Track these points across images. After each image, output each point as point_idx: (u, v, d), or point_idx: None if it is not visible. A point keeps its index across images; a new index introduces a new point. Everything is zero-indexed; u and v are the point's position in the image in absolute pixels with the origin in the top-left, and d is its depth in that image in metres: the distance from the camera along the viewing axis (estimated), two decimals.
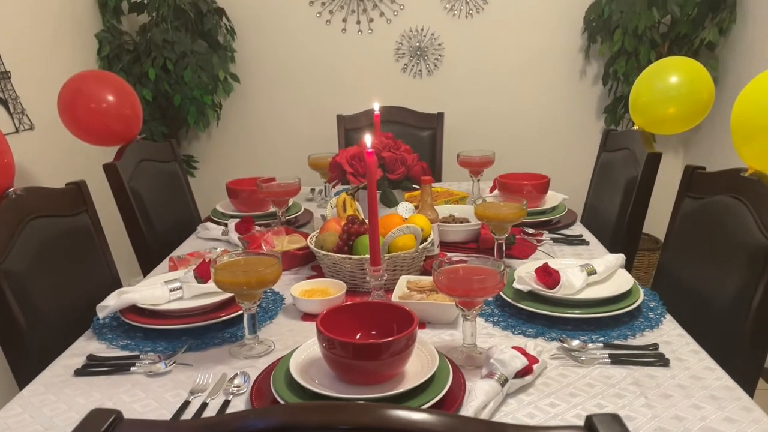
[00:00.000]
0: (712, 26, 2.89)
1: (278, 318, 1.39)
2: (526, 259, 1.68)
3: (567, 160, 3.46)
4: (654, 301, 1.41)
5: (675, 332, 1.27)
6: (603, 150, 2.34)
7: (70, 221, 1.56)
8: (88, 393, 1.10)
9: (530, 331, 1.28)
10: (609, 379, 1.10)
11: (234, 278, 1.17)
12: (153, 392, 1.10)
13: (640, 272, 3.16)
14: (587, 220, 2.28)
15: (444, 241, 1.78)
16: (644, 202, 1.96)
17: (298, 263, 1.67)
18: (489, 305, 1.41)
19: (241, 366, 1.18)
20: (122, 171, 1.92)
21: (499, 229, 1.56)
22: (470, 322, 1.17)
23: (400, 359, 1.01)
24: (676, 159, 3.47)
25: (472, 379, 1.09)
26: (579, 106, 3.44)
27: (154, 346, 1.26)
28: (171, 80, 3.04)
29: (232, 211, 2.11)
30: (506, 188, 2.03)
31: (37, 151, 2.49)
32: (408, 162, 1.81)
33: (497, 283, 1.12)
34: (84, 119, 1.98)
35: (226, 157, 3.59)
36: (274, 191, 1.86)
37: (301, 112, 3.51)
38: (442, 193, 2.22)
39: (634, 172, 2.00)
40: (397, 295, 1.37)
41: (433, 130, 2.98)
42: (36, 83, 2.51)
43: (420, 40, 3.37)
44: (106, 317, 1.34)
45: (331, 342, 0.99)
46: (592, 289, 1.38)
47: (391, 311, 1.10)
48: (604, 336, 1.25)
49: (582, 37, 3.32)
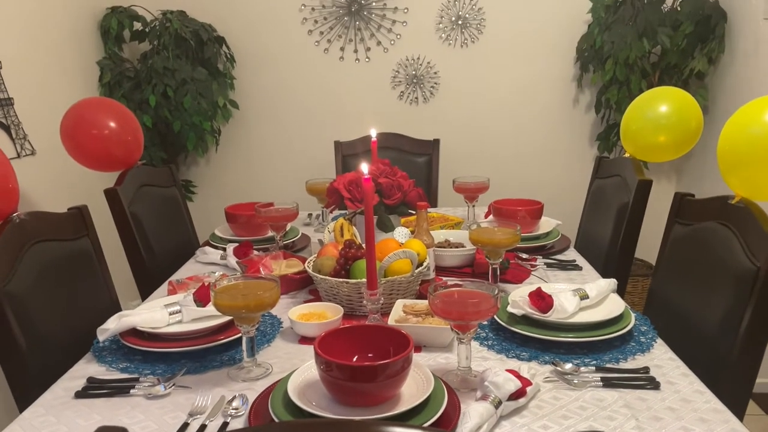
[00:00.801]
0: (701, 56, 2.96)
1: (276, 341, 1.41)
2: (520, 284, 1.71)
3: (560, 187, 3.51)
4: (645, 325, 1.43)
5: (666, 356, 1.30)
6: (595, 177, 2.38)
7: (71, 245, 1.59)
8: (89, 415, 1.12)
9: (524, 354, 1.30)
10: (601, 401, 1.13)
11: (233, 301, 1.20)
12: (153, 414, 1.11)
13: (634, 297, 3.19)
14: (580, 245, 2.32)
15: (439, 266, 1.81)
16: (636, 228, 1.99)
17: (296, 287, 1.70)
18: (483, 329, 1.43)
19: (240, 389, 1.20)
20: (123, 196, 1.95)
21: (493, 254, 1.59)
22: (465, 345, 1.19)
23: (396, 381, 1.03)
24: (669, 185, 3.52)
25: (466, 401, 1.11)
26: (572, 133, 3.49)
27: (154, 368, 1.28)
28: (171, 107, 3.09)
29: (230, 235, 2.13)
30: (501, 214, 2.07)
31: (38, 176, 2.53)
32: (404, 188, 1.85)
33: (491, 306, 1.15)
34: (86, 145, 2.01)
35: (224, 182, 3.63)
36: (272, 216, 1.89)
37: (299, 138, 3.56)
38: (437, 218, 2.26)
39: (625, 198, 2.04)
40: (394, 319, 1.39)
41: (429, 156, 3.02)
42: (38, 109, 2.56)
43: (416, 69, 3.44)
44: (106, 340, 1.35)
45: (329, 364, 1.02)
46: (584, 313, 1.41)
47: (388, 334, 1.13)
48: (596, 359, 1.28)
49: (575, 67, 3.39)
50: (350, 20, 3.39)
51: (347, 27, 3.40)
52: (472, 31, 3.38)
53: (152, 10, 3.27)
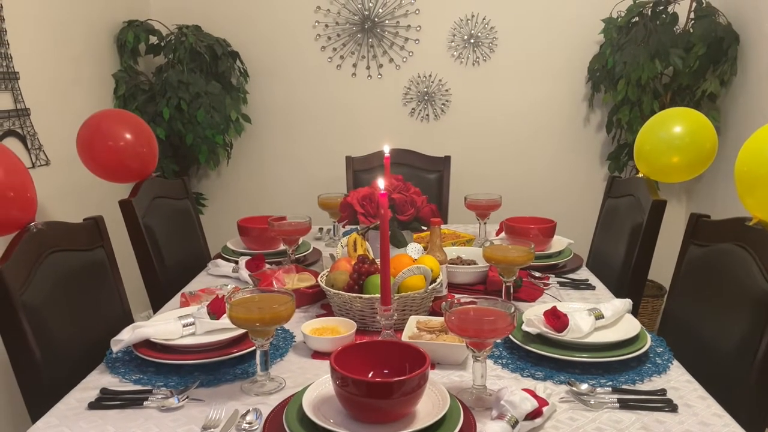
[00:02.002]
0: (713, 78, 2.97)
1: (288, 355, 1.41)
2: (534, 302, 1.70)
3: (572, 205, 3.51)
4: (661, 346, 1.42)
5: (683, 378, 1.28)
6: (608, 196, 2.38)
7: (86, 255, 1.59)
8: (102, 426, 1.11)
9: (539, 373, 1.29)
10: (618, 423, 1.11)
11: (248, 314, 1.19)
12: (166, 427, 1.11)
13: (644, 318, 3.17)
14: (593, 265, 2.31)
15: (452, 283, 1.80)
16: (649, 248, 1.98)
17: (308, 301, 1.69)
18: (498, 347, 1.42)
19: (253, 402, 1.19)
20: (137, 207, 1.96)
21: (507, 271, 1.58)
22: (480, 363, 1.18)
23: (412, 398, 1.03)
24: (680, 207, 3.51)
25: (482, 420, 1.10)
26: (583, 152, 3.50)
27: (167, 380, 1.27)
28: (184, 120, 3.11)
29: (242, 248, 2.13)
30: (513, 231, 2.06)
31: (53, 186, 2.54)
32: (417, 204, 1.85)
33: (508, 324, 1.14)
34: (101, 156, 2.03)
35: (234, 195, 3.64)
36: (285, 230, 1.89)
37: (311, 152, 3.57)
38: (449, 235, 2.25)
39: (639, 218, 2.03)
40: (407, 335, 1.39)
41: (440, 173, 3.03)
42: (54, 120, 2.58)
43: (428, 86, 3.46)
44: (119, 351, 1.35)
45: (345, 379, 1.01)
46: (599, 333, 1.40)
47: (404, 350, 1.12)
48: (612, 380, 1.26)
49: (586, 86, 3.40)
50: (363, 37, 3.41)
51: (360, 44, 3.42)
52: (484, 49, 3.40)
53: (168, 25, 3.31)
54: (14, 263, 1.31)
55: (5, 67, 2.30)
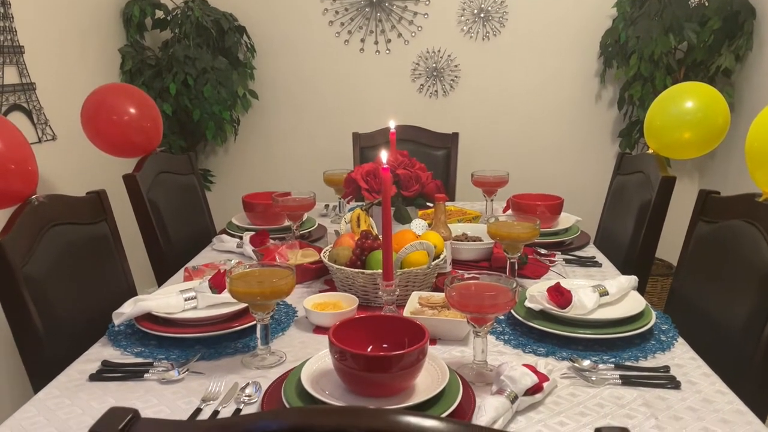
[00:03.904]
0: (728, 53, 2.90)
1: (290, 330, 1.41)
2: (538, 279, 1.69)
3: (581, 182, 3.47)
4: (666, 323, 1.40)
5: (687, 355, 1.27)
6: (617, 173, 2.35)
7: (89, 229, 1.59)
8: (102, 398, 1.12)
9: (541, 350, 1.28)
10: (619, 399, 1.10)
11: (248, 288, 1.19)
12: (166, 399, 1.11)
13: (653, 297, 3.14)
14: (600, 242, 2.29)
15: (456, 259, 1.79)
16: (658, 225, 1.96)
17: (311, 277, 1.69)
18: (500, 323, 1.41)
19: (253, 376, 1.19)
20: (141, 182, 1.95)
21: (511, 248, 1.57)
22: (481, 338, 1.17)
23: (410, 372, 1.02)
24: (691, 184, 3.46)
25: (482, 395, 1.10)
26: (593, 129, 3.45)
27: (168, 353, 1.28)
28: (191, 95, 3.09)
29: (247, 224, 2.13)
30: (520, 208, 2.04)
31: (59, 161, 2.55)
32: (422, 180, 1.83)
33: (509, 300, 1.13)
34: (105, 131, 2.02)
35: (242, 171, 3.64)
36: (289, 205, 1.88)
37: (318, 129, 3.55)
38: (455, 211, 2.23)
39: (648, 195, 2.00)
40: (409, 311, 1.38)
41: (448, 150, 3.00)
42: (60, 95, 2.57)
43: (437, 62, 3.41)
44: (121, 324, 1.35)
45: (343, 353, 1.00)
46: (603, 310, 1.38)
47: (403, 325, 1.11)
48: (615, 357, 1.25)
49: (598, 62, 3.34)
50: (371, 12, 3.37)
51: (368, 18, 3.38)
52: (494, 24, 3.35)
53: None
54: (15, 236, 1.31)
55: (10, 40, 2.29)
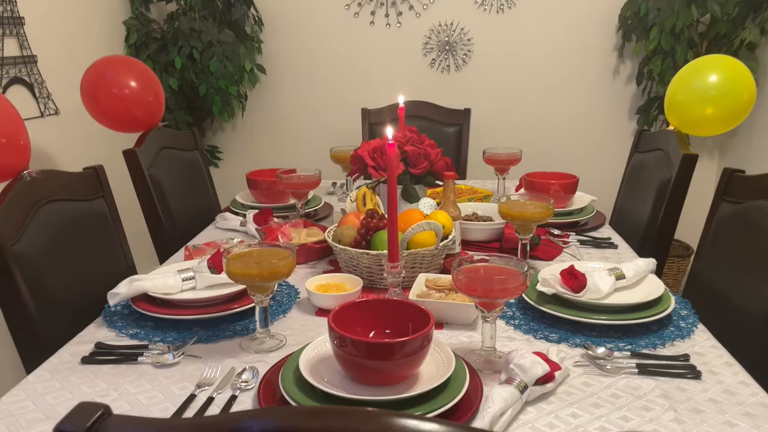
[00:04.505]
0: (753, 26, 2.78)
1: (292, 312, 1.35)
2: (551, 261, 1.62)
3: (597, 161, 3.37)
4: (686, 309, 1.34)
5: (708, 343, 1.20)
6: (635, 151, 2.26)
7: (86, 206, 1.54)
8: (94, 382, 1.07)
9: (553, 336, 1.22)
10: (636, 390, 1.04)
11: (246, 269, 1.14)
12: (159, 384, 1.07)
13: (669, 279, 3.07)
14: (616, 223, 2.21)
15: (466, 240, 1.73)
16: (677, 205, 1.87)
17: (315, 257, 1.63)
18: (510, 307, 1.35)
19: (251, 360, 1.14)
20: (142, 158, 1.90)
21: (523, 228, 1.50)
22: (490, 324, 1.11)
23: (414, 360, 0.97)
24: (711, 163, 3.36)
25: (489, 384, 1.04)
26: (611, 105, 3.34)
27: (164, 335, 1.23)
28: (197, 69, 3.03)
29: (251, 201, 2.07)
30: (533, 187, 1.97)
31: (62, 136, 2.50)
32: (431, 157, 1.76)
33: (520, 284, 1.07)
34: (106, 104, 1.97)
35: (250, 148, 3.58)
36: (293, 183, 1.82)
37: (327, 104, 3.47)
38: (465, 190, 2.17)
39: (667, 174, 1.92)
40: (415, 293, 1.32)
41: (459, 127, 2.91)
42: (62, 68, 2.52)
43: (449, 35, 3.31)
44: (117, 305, 1.31)
45: (343, 339, 0.95)
46: (620, 294, 1.32)
47: (407, 310, 1.05)
48: (631, 344, 1.19)
49: (616, 35, 3.22)
50: None
51: None
52: None
53: None
54: (5, 212, 1.26)
55: (9, 11, 2.23)
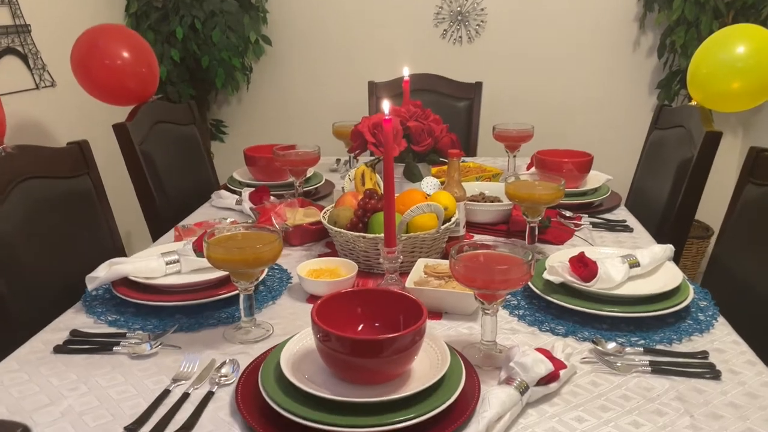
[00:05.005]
0: None
1: (282, 298, 1.28)
2: (562, 245, 1.53)
3: (614, 138, 3.24)
4: (705, 300, 1.24)
5: (728, 338, 1.11)
6: (654, 127, 2.14)
7: (68, 183, 1.46)
8: (64, 374, 1.00)
9: (560, 328, 1.13)
10: (648, 391, 0.95)
11: (228, 255, 1.05)
12: (133, 377, 1.00)
13: (687, 261, 2.95)
14: (632, 204, 2.10)
15: (471, 221, 1.63)
16: (699, 186, 1.76)
17: (311, 238, 1.55)
18: (515, 296, 1.26)
19: (234, 352, 1.07)
20: (133, 132, 1.82)
21: (531, 210, 1.40)
22: (490, 317, 1.02)
23: (404, 358, 0.88)
24: (735, 141, 3.21)
25: (488, 382, 0.96)
26: (630, 79, 3.20)
27: (145, 323, 1.16)
28: (199, 41, 2.93)
29: (248, 179, 1.99)
30: (544, 165, 1.86)
31: (58, 109, 2.42)
32: (435, 133, 1.66)
33: (523, 274, 0.97)
34: (97, 75, 1.88)
35: (256, 122, 3.49)
36: (290, 160, 1.73)
37: (335, 77, 3.36)
38: (474, 168, 2.07)
39: (688, 152, 1.80)
40: (413, 280, 1.24)
41: (470, 101, 2.79)
42: (58, 38, 2.43)
43: (461, 5, 3.17)
44: (97, 289, 1.24)
45: (327, 335, 0.87)
46: (633, 283, 1.22)
47: (399, 301, 0.97)
48: (644, 339, 1.10)
49: (637, 5, 3.07)
50: None
51: None
52: None
53: None
54: None
55: None
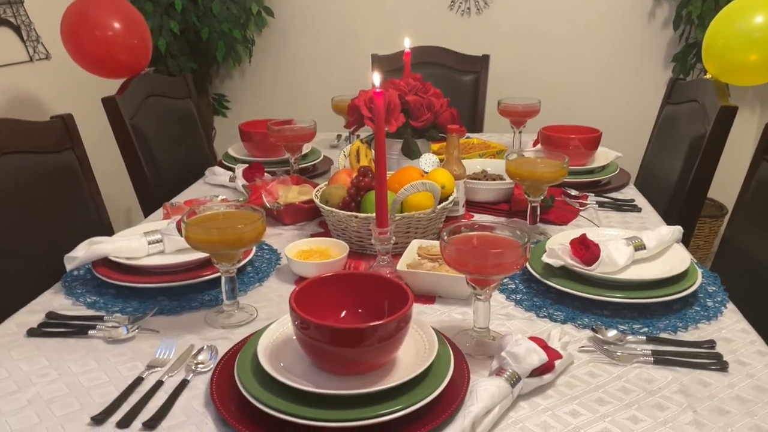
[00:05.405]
0: None
1: (270, 280, 1.22)
2: (565, 226, 1.46)
3: (624, 114, 3.14)
4: (714, 285, 1.17)
5: (737, 326, 1.04)
6: (667, 102, 2.05)
7: (51, 159, 1.41)
8: (35, 359, 0.96)
9: (558, 314, 1.07)
10: (650, 383, 0.89)
11: (207, 236, 1.00)
12: (106, 363, 0.95)
13: (698, 241, 2.87)
14: (642, 182, 2.02)
15: (472, 200, 1.57)
16: (711, 163, 1.68)
17: (303, 217, 1.50)
18: (513, 279, 1.20)
19: (214, 337, 1.02)
20: (123, 106, 1.76)
21: (533, 189, 1.34)
22: (483, 302, 0.97)
23: (387, 347, 0.83)
24: (752, 116, 3.10)
25: (479, 372, 0.91)
26: (644, 52, 3.08)
27: (125, 306, 1.11)
28: (199, 12, 2.85)
29: (244, 155, 1.93)
30: (550, 142, 1.79)
31: (54, 82, 2.37)
32: (435, 107, 1.59)
33: (518, 258, 0.91)
34: (88, 46, 1.82)
35: (260, 97, 3.42)
36: (285, 135, 1.67)
37: (339, 50, 3.28)
38: (477, 144, 1.99)
39: (702, 128, 1.72)
40: (405, 263, 1.18)
41: (477, 75, 2.70)
42: (52, 10, 2.35)
43: None
44: (75, 270, 1.19)
45: (305, 322, 0.81)
46: (638, 267, 1.16)
47: (384, 285, 0.91)
48: (648, 326, 1.03)
49: None
50: None
51: None
52: None
53: None
54: None
55: None
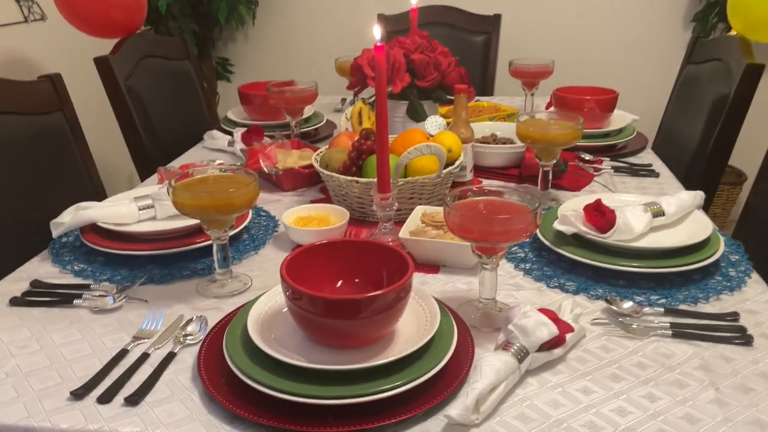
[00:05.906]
0: None
1: (266, 248, 1.17)
2: (579, 192, 1.39)
3: (643, 74, 3.02)
4: (737, 253, 1.10)
5: (762, 297, 0.98)
6: (688, 62, 1.94)
7: (39, 120, 1.35)
8: (17, 329, 0.92)
9: (570, 285, 1.01)
10: (668, 358, 0.83)
11: (196, 200, 0.94)
12: (91, 334, 0.90)
13: (717, 209, 2.78)
14: (660, 146, 1.93)
15: (480, 165, 1.50)
16: (735, 125, 1.59)
17: (303, 183, 1.43)
18: (522, 247, 1.13)
19: (205, 307, 0.97)
20: (117, 66, 1.68)
21: (545, 153, 1.26)
22: (489, 272, 0.90)
23: (385, 319, 0.77)
24: None
25: (484, 346, 0.85)
26: (663, 10, 2.95)
27: (113, 274, 1.06)
28: None
29: (243, 119, 1.86)
30: (564, 104, 1.70)
31: (50, 44, 2.30)
32: (442, 67, 1.51)
33: (527, 225, 0.85)
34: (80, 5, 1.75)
35: (263, 59, 3.32)
36: (285, 97, 1.60)
37: (346, 10, 3.16)
38: (487, 107, 1.91)
39: (725, 88, 1.62)
40: (408, 230, 1.12)
41: (488, 35, 2.59)
42: None
43: None
44: (61, 236, 1.14)
45: (297, 293, 0.76)
46: (656, 235, 1.09)
47: (382, 254, 0.85)
48: (666, 297, 0.97)
49: None
50: None
51: None
52: None
53: None
54: None
55: None
